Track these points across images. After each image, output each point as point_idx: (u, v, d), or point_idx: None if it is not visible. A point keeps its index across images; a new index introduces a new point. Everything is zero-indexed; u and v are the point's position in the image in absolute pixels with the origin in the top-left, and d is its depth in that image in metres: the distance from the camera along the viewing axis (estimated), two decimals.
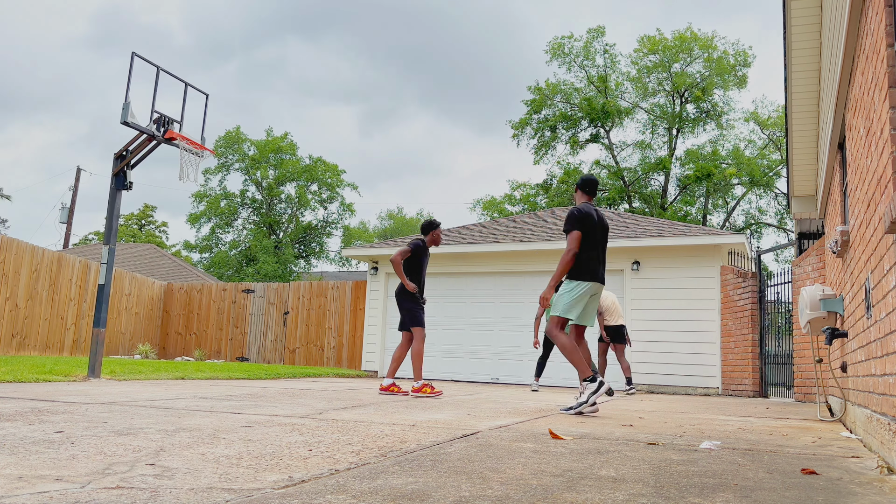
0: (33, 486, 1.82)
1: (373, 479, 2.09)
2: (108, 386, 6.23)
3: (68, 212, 28.00)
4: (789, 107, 6.43)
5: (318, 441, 2.93)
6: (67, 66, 70.62)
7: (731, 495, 2.02)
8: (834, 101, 4.74)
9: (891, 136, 2.68)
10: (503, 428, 3.81)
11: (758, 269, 10.29)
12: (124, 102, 7.27)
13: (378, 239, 45.97)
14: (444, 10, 69.69)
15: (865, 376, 3.63)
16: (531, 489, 2.01)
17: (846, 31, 3.70)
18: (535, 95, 32.25)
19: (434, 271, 13.08)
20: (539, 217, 14.97)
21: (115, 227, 7.62)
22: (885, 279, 2.89)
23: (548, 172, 33.31)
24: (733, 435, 3.90)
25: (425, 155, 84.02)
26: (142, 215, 44.87)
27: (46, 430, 2.92)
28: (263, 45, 69.45)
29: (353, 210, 38.28)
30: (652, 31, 31.64)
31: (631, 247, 11.45)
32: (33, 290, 12.56)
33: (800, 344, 8.51)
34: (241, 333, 15.32)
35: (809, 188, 7.94)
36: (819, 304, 5.19)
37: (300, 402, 5.15)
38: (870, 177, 3.32)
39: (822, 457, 3.03)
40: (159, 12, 66.82)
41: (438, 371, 12.70)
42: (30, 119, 70.70)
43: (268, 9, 68.24)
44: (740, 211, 32.56)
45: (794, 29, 5.39)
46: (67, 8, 68.14)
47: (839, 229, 4.68)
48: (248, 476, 2.07)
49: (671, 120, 31.39)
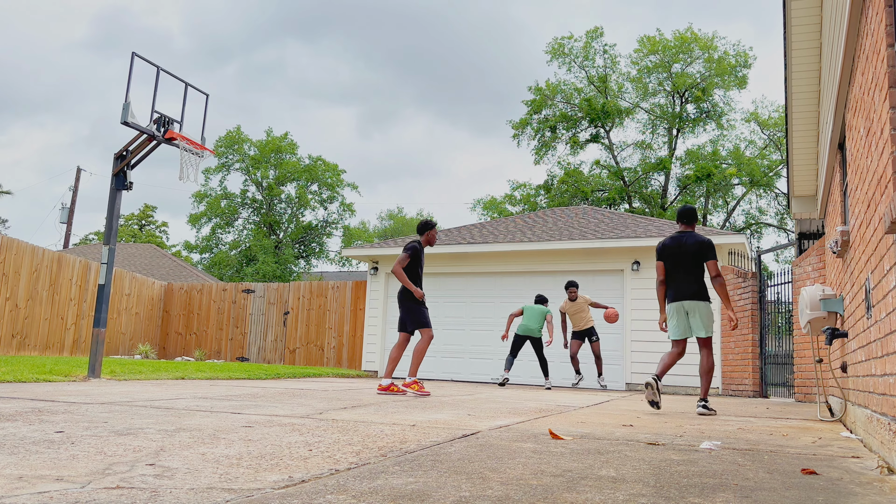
0: (33, 486, 1.82)
1: (373, 479, 2.09)
2: (109, 386, 6.23)
3: (68, 212, 28.01)
4: (789, 107, 6.43)
5: (318, 441, 2.93)
6: (69, 68, 71.09)
7: (731, 495, 2.02)
8: (834, 101, 4.74)
9: (891, 136, 2.68)
10: (503, 428, 3.81)
11: (758, 269, 10.29)
12: (124, 102, 7.27)
13: (378, 239, 45.98)
14: (441, 14, 70.02)
15: (865, 376, 3.63)
16: (531, 489, 2.01)
17: (846, 31, 3.70)
18: (536, 96, 32.25)
19: (434, 271, 13.08)
20: (539, 217, 14.97)
21: (115, 228, 7.62)
22: (885, 279, 2.89)
23: (548, 173, 33.35)
24: (733, 435, 3.90)
25: (424, 156, 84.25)
26: (142, 215, 44.87)
27: (46, 430, 2.92)
28: (262, 48, 69.76)
29: (353, 210, 38.31)
30: (647, 35, 31.58)
31: (631, 247, 11.45)
32: (33, 290, 12.56)
33: (800, 344, 8.51)
34: (241, 333, 15.32)
35: (809, 188, 7.93)
36: (819, 304, 5.19)
37: (300, 402, 5.15)
38: (870, 177, 3.32)
39: (823, 457, 3.03)
40: (159, 16, 67.11)
41: (438, 371, 12.70)
42: (31, 120, 71.04)
43: (266, 12, 68.58)
44: (740, 211, 32.60)
45: (795, 29, 5.39)
46: (68, 12, 68.54)
47: (839, 229, 4.68)
48: (249, 476, 2.07)
49: (671, 120, 31.40)
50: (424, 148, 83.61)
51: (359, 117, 79.21)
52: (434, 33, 72.59)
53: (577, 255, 12.03)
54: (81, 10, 68.45)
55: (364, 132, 79.75)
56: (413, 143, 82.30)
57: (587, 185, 30.51)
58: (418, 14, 70.60)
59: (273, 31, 70.63)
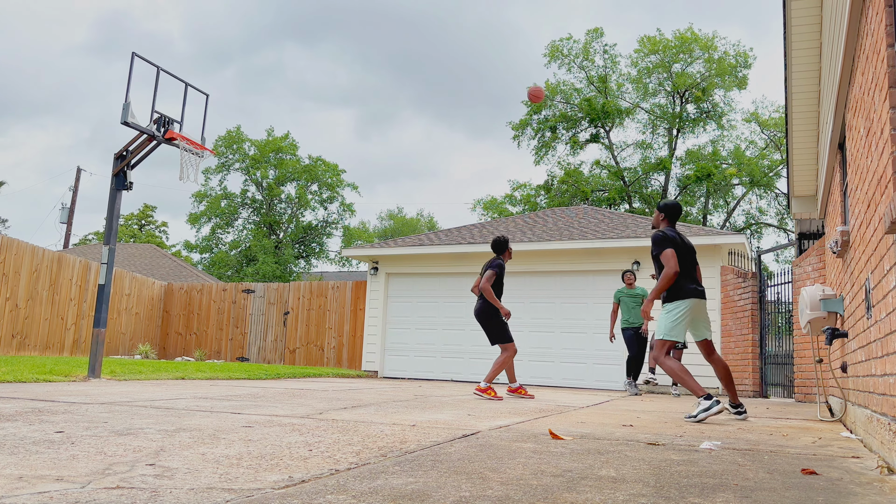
0: (33, 486, 1.82)
1: (373, 479, 2.09)
2: (109, 386, 6.23)
3: (68, 212, 28.01)
4: (789, 107, 6.43)
5: (318, 441, 2.93)
6: (70, 72, 71.40)
7: (731, 495, 2.02)
8: (834, 101, 4.73)
9: (891, 136, 2.68)
10: (503, 428, 3.81)
11: (758, 269, 10.29)
12: (124, 102, 7.27)
13: (378, 239, 45.97)
14: (438, 17, 70.46)
15: (865, 376, 3.63)
16: (531, 489, 2.01)
17: (846, 31, 3.70)
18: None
19: (434, 271, 13.08)
20: (539, 217, 14.97)
21: (115, 228, 7.61)
22: (885, 279, 2.89)
23: (548, 173, 33.34)
24: (733, 435, 3.90)
25: (421, 158, 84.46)
26: (142, 215, 44.86)
27: (47, 431, 2.92)
28: (261, 51, 70.06)
29: (353, 210, 38.31)
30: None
31: (631, 247, 11.44)
32: (33, 290, 12.55)
33: (800, 344, 8.51)
34: (241, 333, 15.32)
35: (810, 188, 7.93)
36: (819, 305, 5.18)
37: (300, 402, 5.15)
38: (870, 177, 3.32)
39: (823, 457, 3.03)
40: (160, 20, 67.32)
41: (438, 371, 12.69)
42: (32, 123, 71.32)
43: (266, 16, 68.89)
44: (740, 211, 32.58)
45: (795, 29, 5.39)
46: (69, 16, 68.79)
47: (839, 229, 4.68)
48: (249, 476, 2.07)
49: (671, 120, 31.39)
50: (422, 150, 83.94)
51: (357, 119, 79.54)
52: (430, 37, 73.07)
53: (578, 255, 12.03)
54: (82, 14, 68.83)
55: (362, 134, 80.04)
56: (411, 145, 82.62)
57: (587, 186, 30.51)
58: (415, 18, 71.06)
59: (272, 35, 71.02)
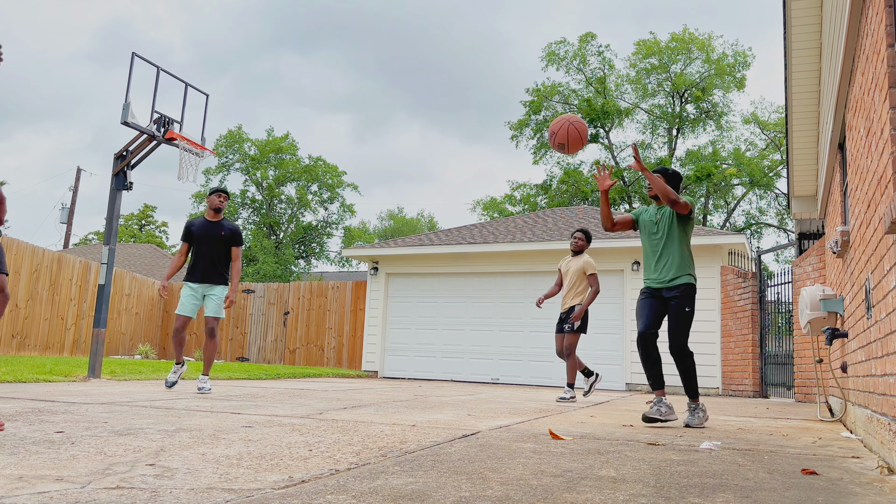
0: (33, 486, 1.82)
1: (373, 479, 2.09)
2: (109, 386, 6.23)
3: (68, 212, 28.01)
4: (789, 107, 6.43)
5: (318, 441, 2.93)
6: (72, 79, 72.53)
7: (731, 495, 2.02)
8: (834, 101, 4.73)
9: (891, 136, 2.68)
10: (503, 428, 3.81)
11: (758, 269, 10.29)
12: (124, 103, 7.27)
13: (378, 239, 45.98)
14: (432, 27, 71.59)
15: (866, 376, 3.63)
16: (531, 489, 2.01)
17: (846, 31, 3.70)
18: (534, 97, 32.25)
19: (434, 271, 13.08)
20: (539, 217, 14.97)
21: (115, 228, 7.62)
22: (885, 279, 2.89)
23: (547, 173, 33.34)
24: (733, 435, 3.90)
25: (417, 162, 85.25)
26: (142, 215, 44.86)
27: (47, 431, 2.92)
28: (259, 59, 71.05)
29: (353, 210, 38.31)
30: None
31: (631, 247, 11.44)
32: (33, 290, 12.55)
33: (800, 344, 8.51)
34: (241, 333, 15.32)
35: (809, 188, 7.93)
36: (819, 305, 5.19)
37: (300, 402, 5.15)
38: (870, 177, 3.32)
39: (823, 457, 3.03)
40: (160, 30, 68.01)
41: (438, 371, 12.70)
42: (35, 128, 72.19)
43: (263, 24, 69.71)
44: (741, 211, 32.58)
45: (795, 29, 5.39)
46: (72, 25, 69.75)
47: (839, 229, 4.68)
48: (249, 476, 2.07)
49: (671, 120, 31.39)
50: (417, 154, 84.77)
51: (353, 124, 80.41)
52: (424, 46, 74.22)
53: None
54: (85, 23, 69.72)
55: (359, 138, 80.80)
56: (407, 150, 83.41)
57: (587, 186, 30.51)
58: (409, 28, 72.18)
59: (269, 43, 71.97)
